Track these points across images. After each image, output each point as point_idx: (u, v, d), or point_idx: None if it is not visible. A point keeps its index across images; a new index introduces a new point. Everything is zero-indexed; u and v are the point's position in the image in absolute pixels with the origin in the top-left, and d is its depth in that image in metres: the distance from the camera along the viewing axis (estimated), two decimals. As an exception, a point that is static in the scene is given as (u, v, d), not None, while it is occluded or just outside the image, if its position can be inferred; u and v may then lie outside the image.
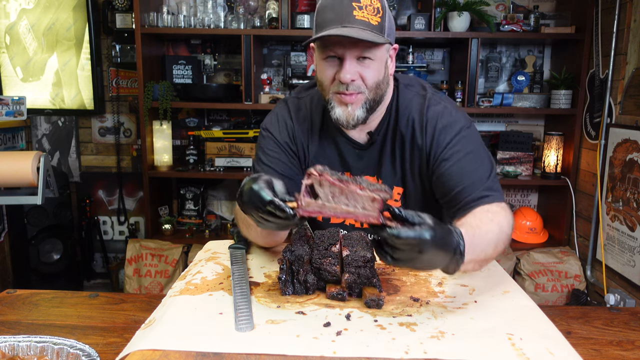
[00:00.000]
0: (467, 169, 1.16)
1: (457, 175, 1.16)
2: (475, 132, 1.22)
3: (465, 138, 1.19)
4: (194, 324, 0.86)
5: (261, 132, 1.34)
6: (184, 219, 3.37)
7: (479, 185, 1.13)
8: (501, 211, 1.10)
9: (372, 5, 1.08)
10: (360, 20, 1.07)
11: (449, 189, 1.17)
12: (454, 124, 1.20)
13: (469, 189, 1.14)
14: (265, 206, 0.91)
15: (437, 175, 1.20)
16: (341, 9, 1.07)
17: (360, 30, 1.06)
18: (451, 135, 1.19)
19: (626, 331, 1.05)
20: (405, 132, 1.24)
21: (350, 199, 0.90)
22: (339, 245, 1.04)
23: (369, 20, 1.07)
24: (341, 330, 0.84)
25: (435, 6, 2.93)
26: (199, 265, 1.16)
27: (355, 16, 1.07)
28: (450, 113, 1.21)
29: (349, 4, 1.07)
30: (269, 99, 3.11)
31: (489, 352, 0.78)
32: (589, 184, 2.91)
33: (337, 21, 1.07)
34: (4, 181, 1.88)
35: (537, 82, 3.20)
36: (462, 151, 1.17)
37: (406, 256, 0.84)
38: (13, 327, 1.03)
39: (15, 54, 3.33)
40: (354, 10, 1.07)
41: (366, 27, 1.07)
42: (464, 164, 1.16)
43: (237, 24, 3.03)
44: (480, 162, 1.17)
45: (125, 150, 3.49)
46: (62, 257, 3.26)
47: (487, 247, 1.01)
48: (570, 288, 2.91)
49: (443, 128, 1.19)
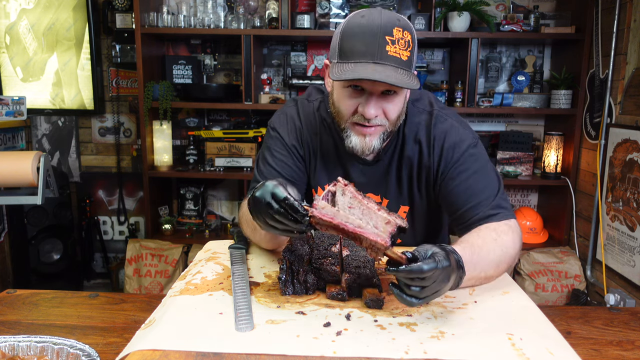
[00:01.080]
0: (474, 188, 1.15)
1: (465, 195, 1.16)
2: (482, 148, 1.21)
3: (473, 156, 1.18)
4: (194, 324, 0.86)
5: (269, 130, 1.32)
6: (184, 219, 3.37)
7: (486, 204, 1.13)
8: (508, 231, 1.10)
9: (404, 39, 1.03)
10: (392, 56, 1.01)
11: (457, 208, 1.17)
12: (460, 143, 1.19)
13: (476, 208, 1.13)
14: (278, 203, 0.91)
15: (444, 193, 1.20)
16: (373, 42, 1.01)
17: (392, 70, 1.01)
18: (459, 154, 1.18)
19: (626, 331, 1.05)
20: (412, 150, 1.23)
21: (365, 214, 0.89)
22: (339, 245, 1.04)
23: (400, 55, 1.02)
24: (341, 330, 0.84)
25: (435, 6, 2.93)
26: (199, 265, 1.16)
27: (387, 52, 1.01)
28: (457, 131, 1.20)
29: (382, 37, 1.01)
30: (269, 99, 3.11)
31: (489, 352, 0.78)
32: (589, 184, 2.91)
33: (369, 55, 1.01)
34: (4, 181, 1.88)
35: (537, 82, 3.20)
36: (470, 170, 1.17)
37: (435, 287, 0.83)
38: (13, 327, 1.03)
39: (15, 54, 3.33)
40: (387, 45, 1.01)
41: (397, 64, 1.02)
42: (471, 182, 1.16)
43: (237, 24, 3.03)
44: (487, 180, 1.17)
45: (125, 150, 3.49)
46: (62, 257, 3.26)
47: (487, 267, 1.03)
48: (570, 288, 2.91)
49: (450, 146, 1.19)
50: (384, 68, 1.01)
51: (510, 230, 1.11)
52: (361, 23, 1.03)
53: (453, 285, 0.89)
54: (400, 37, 1.02)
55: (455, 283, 0.89)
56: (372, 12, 1.05)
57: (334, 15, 2.98)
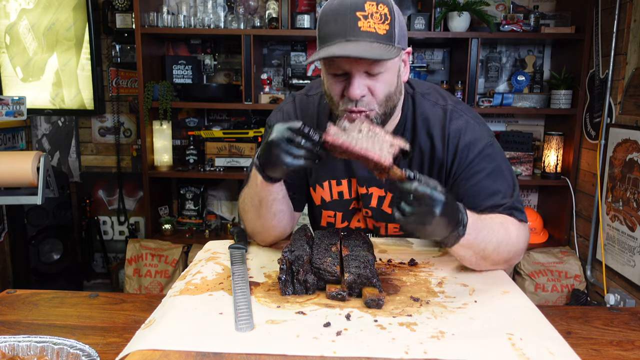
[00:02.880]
0: (489, 189, 1.13)
1: (478, 197, 1.13)
2: (497, 147, 1.19)
3: (489, 156, 1.15)
4: (194, 324, 0.86)
5: (266, 128, 1.30)
6: (184, 219, 3.38)
7: (499, 207, 1.12)
8: (517, 224, 1.10)
9: (379, 12, 0.99)
10: (366, 32, 0.98)
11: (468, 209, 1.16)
12: (477, 142, 1.16)
13: (489, 211, 1.11)
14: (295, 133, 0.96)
15: (456, 193, 1.16)
16: (344, 21, 0.99)
17: (366, 45, 0.98)
18: (474, 154, 1.15)
19: (626, 331, 1.05)
20: (424, 145, 1.19)
21: (371, 138, 0.96)
22: (339, 245, 1.04)
23: (376, 30, 0.99)
24: (341, 330, 0.84)
25: (435, 6, 2.93)
26: (199, 265, 1.16)
27: (360, 28, 0.98)
28: (473, 129, 1.17)
29: (352, 13, 0.98)
30: (269, 99, 3.11)
31: (489, 352, 0.78)
32: (589, 184, 2.91)
33: (341, 35, 0.99)
34: (4, 181, 1.88)
35: (537, 82, 3.20)
36: (485, 170, 1.14)
37: (420, 211, 0.86)
38: (13, 327, 1.03)
39: (15, 54, 3.33)
40: (359, 20, 0.98)
41: (373, 39, 0.99)
42: (487, 183, 1.14)
43: (237, 24, 3.03)
44: (502, 181, 1.14)
45: (125, 150, 3.49)
46: (62, 257, 3.26)
47: (488, 242, 1.01)
48: (570, 288, 2.91)
49: (466, 145, 1.16)
50: (356, 44, 0.98)
51: (519, 226, 1.10)
52: (333, 6, 1.02)
53: (447, 230, 0.91)
54: (374, 11, 0.99)
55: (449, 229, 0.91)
56: None
57: (334, 15, 2.97)
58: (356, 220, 1.36)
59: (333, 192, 1.31)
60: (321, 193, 1.31)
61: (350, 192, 1.30)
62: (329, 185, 1.30)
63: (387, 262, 1.20)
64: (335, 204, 1.32)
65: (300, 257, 0.98)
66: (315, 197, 1.33)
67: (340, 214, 1.34)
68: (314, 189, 1.32)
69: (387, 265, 1.18)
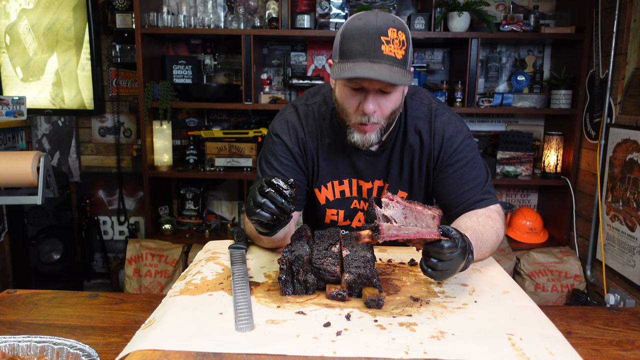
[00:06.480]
0: (469, 175, 1.29)
1: (460, 180, 1.29)
2: (473, 141, 1.35)
3: (468, 146, 1.31)
4: (194, 324, 0.86)
5: (271, 136, 1.36)
6: (184, 219, 3.38)
7: (478, 190, 1.28)
8: (498, 218, 1.26)
9: (399, 39, 1.10)
10: (387, 55, 1.08)
11: (452, 192, 1.30)
12: (459, 134, 1.31)
13: (470, 192, 1.28)
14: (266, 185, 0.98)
15: (441, 178, 1.32)
16: (369, 43, 1.08)
17: (387, 68, 1.08)
18: (457, 144, 1.30)
19: (626, 331, 1.05)
20: (413, 140, 1.32)
21: (416, 218, 0.98)
22: (339, 245, 1.04)
23: (395, 54, 1.09)
24: (341, 330, 0.84)
25: (435, 6, 2.93)
26: (199, 265, 1.16)
27: (382, 51, 1.08)
28: (454, 124, 1.32)
29: (377, 38, 1.08)
30: (269, 99, 3.11)
31: (489, 352, 0.78)
32: (589, 184, 2.91)
33: (365, 55, 1.08)
34: (4, 181, 1.89)
35: (537, 82, 3.20)
36: (465, 159, 1.30)
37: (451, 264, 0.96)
38: (13, 327, 1.03)
39: (15, 54, 3.33)
40: (382, 45, 1.08)
41: (392, 63, 1.09)
42: (467, 170, 1.30)
43: (237, 24, 3.03)
44: (479, 169, 1.31)
45: (125, 150, 3.49)
46: (62, 257, 3.26)
47: (485, 251, 1.18)
48: (570, 288, 2.91)
49: (450, 137, 1.31)
50: (379, 66, 1.08)
51: (500, 217, 1.27)
52: (359, 25, 1.11)
53: (463, 267, 1.01)
54: (395, 37, 1.10)
55: (465, 265, 1.01)
56: (369, 14, 1.12)
57: (334, 15, 2.98)
58: (357, 220, 1.42)
59: (335, 192, 1.38)
60: (325, 193, 1.39)
61: (351, 191, 1.38)
62: (332, 185, 1.38)
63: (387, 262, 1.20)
64: (338, 203, 1.40)
65: (300, 257, 0.98)
66: (320, 197, 1.40)
67: (342, 212, 1.41)
68: (319, 189, 1.38)
69: (387, 265, 1.18)
